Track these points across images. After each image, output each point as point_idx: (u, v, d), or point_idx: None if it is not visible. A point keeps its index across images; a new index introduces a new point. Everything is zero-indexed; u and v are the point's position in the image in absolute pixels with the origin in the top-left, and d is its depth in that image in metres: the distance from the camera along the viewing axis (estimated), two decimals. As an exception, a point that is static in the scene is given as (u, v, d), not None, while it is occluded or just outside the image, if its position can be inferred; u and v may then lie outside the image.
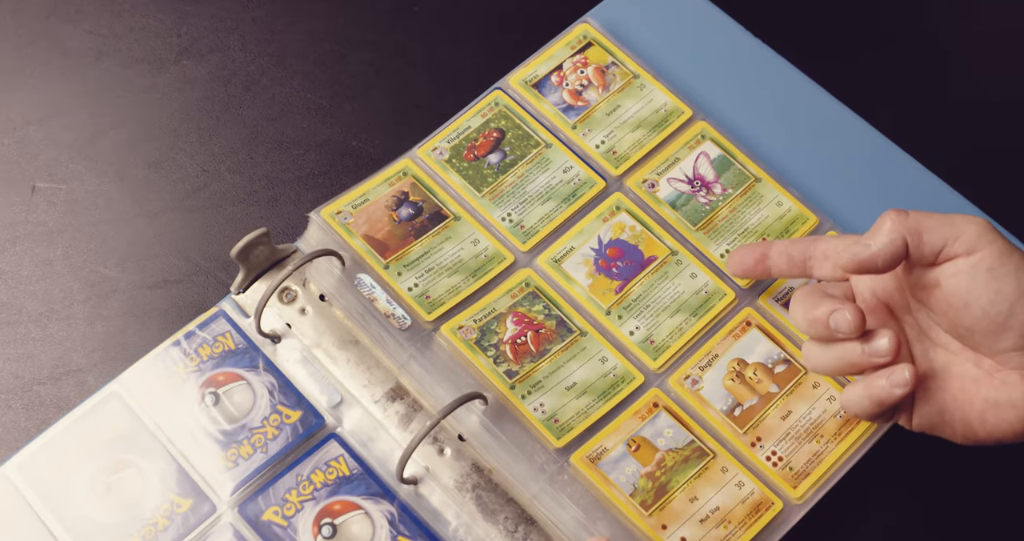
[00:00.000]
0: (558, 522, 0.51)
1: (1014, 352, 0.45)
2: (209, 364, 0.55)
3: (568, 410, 0.54)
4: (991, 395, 0.46)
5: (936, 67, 0.70)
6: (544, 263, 0.57)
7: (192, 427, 0.54)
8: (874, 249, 0.46)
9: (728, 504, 0.52)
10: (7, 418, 0.56)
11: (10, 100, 0.65)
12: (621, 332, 0.56)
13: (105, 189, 0.63)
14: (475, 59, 0.67)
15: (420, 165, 0.60)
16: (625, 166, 0.60)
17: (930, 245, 0.45)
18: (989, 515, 0.56)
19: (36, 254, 0.61)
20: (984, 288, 0.45)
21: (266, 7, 0.69)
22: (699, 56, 0.64)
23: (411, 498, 0.53)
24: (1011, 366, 0.46)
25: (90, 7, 0.68)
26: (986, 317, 0.45)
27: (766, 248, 0.52)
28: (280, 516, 0.52)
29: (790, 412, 0.54)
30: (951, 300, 0.46)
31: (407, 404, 0.55)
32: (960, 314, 0.46)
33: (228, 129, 0.65)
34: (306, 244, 0.58)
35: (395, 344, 0.55)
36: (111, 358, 0.58)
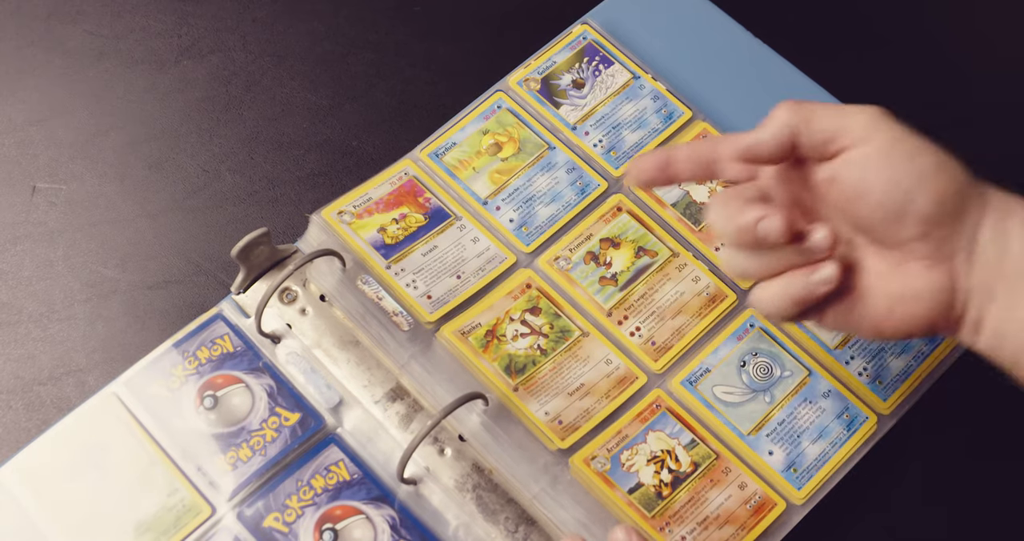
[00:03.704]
0: (559, 522, 0.51)
1: (916, 242, 0.44)
2: (207, 367, 0.55)
3: (572, 411, 0.54)
4: (896, 289, 0.45)
5: (936, 67, 0.69)
6: (545, 264, 0.57)
7: (191, 430, 0.53)
8: (764, 136, 0.45)
9: (730, 505, 0.52)
10: (7, 418, 0.56)
11: (10, 100, 0.65)
12: (622, 333, 0.56)
13: (105, 189, 0.63)
14: (475, 59, 0.67)
15: (420, 165, 0.60)
16: (626, 166, 0.60)
17: (819, 132, 0.44)
18: (989, 516, 0.56)
19: (36, 254, 0.61)
20: (877, 176, 0.43)
21: (267, 7, 0.69)
22: (699, 56, 0.64)
23: (411, 498, 0.53)
24: (914, 257, 0.44)
25: (90, 7, 0.68)
26: (882, 207, 0.44)
27: (668, 153, 0.48)
28: (281, 522, 0.52)
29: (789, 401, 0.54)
30: (847, 193, 0.44)
31: (407, 404, 0.55)
32: (857, 206, 0.44)
33: (228, 129, 0.65)
34: (306, 244, 0.58)
35: (395, 344, 0.55)
36: (111, 358, 0.58)
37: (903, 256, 0.45)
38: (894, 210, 0.44)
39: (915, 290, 0.45)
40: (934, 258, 0.44)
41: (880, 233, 0.45)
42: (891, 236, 0.45)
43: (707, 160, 0.48)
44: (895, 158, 0.43)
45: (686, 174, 0.49)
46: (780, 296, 0.46)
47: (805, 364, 0.55)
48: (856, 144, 0.44)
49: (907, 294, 0.45)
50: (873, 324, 0.46)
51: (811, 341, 0.56)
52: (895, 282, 0.45)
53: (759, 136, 0.45)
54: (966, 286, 0.44)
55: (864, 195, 0.44)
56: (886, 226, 0.44)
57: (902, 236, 0.44)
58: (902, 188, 0.43)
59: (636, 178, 0.49)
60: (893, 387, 0.55)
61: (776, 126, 0.45)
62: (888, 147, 0.44)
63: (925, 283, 0.44)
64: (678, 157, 0.48)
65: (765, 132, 0.45)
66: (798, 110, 0.45)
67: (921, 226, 0.43)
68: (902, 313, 0.45)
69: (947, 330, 0.46)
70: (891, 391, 0.55)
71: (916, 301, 0.45)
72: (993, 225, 0.44)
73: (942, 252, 0.44)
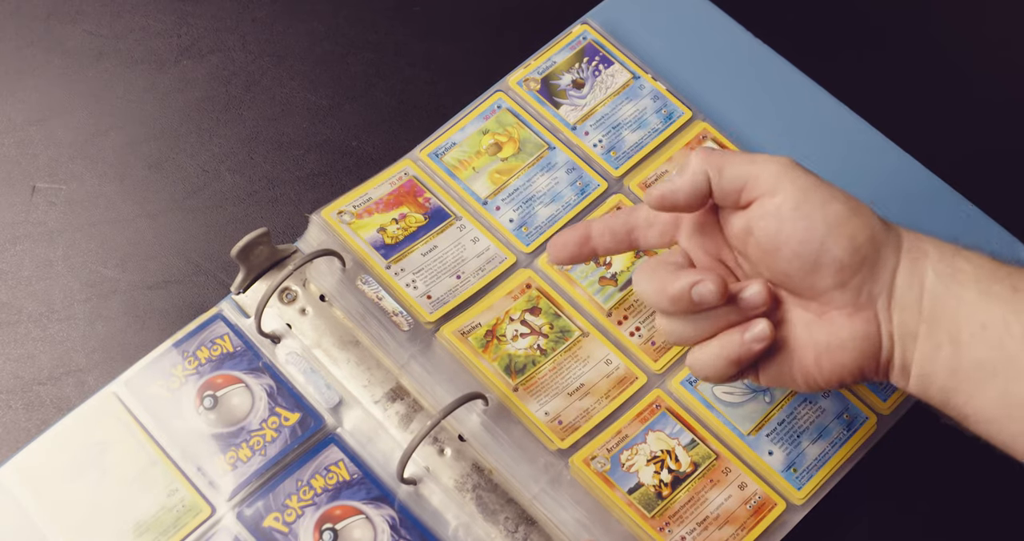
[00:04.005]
0: (559, 522, 0.51)
1: (835, 290, 0.44)
2: (207, 367, 0.55)
3: (572, 411, 0.54)
4: (821, 339, 0.45)
5: (936, 67, 0.69)
6: (545, 264, 0.57)
7: (191, 430, 0.54)
8: (677, 184, 0.45)
9: (730, 505, 0.52)
10: (7, 418, 0.56)
11: (10, 100, 0.65)
12: (622, 333, 0.56)
13: (105, 189, 0.63)
14: (475, 59, 0.67)
15: (420, 165, 0.60)
16: (625, 167, 0.60)
17: (730, 180, 0.44)
18: (990, 516, 0.56)
19: (36, 254, 0.61)
20: (792, 228, 0.43)
21: (266, 7, 0.69)
22: (699, 56, 0.64)
23: (411, 498, 0.53)
24: (835, 306, 0.45)
25: (90, 7, 0.68)
26: (798, 258, 0.44)
27: (586, 229, 0.50)
28: (281, 522, 0.52)
29: (792, 412, 0.54)
30: (763, 245, 0.44)
31: (407, 404, 0.55)
32: (774, 259, 0.44)
33: (228, 129, 0.65)
34: (306, 244, 0.58)
35: (395, 344, 0.55)
36: (111, 358, 0.58)
37: (824, 306, 0.45)
38: (810, 260, 0.44)
39: (840, 339, 0.45)
40: (855, 306, 0.44)
41: (799, 284, 0.45)
42: (810, 286, 0.45)
43: (624, 230, 0.49)
44: (806, 208, 0.43)
45: (604, 247, 0.50)
46: (716, 357, 0.46)
47: (805, 364, 0.55)
48: (767, 194, 0.44)
49: (832, 344, 0.45)
50: (804, 376, 0.46)
51: (811, 341, 0.56)
52: (820, 333, 0.45)
53: (675, 184, 0.45)
54: (889, 331, 0.44)
55: (780, 247, 0.44)
56: (803, 277, 0.44)
57: (820, 286, 0.44)
58: (816, 237, 0.43)
59: (556, 256, 0.51)
60: (893, 387, 0.55)
61: (690, 173, 0.45)
62: (799, 196, 0.44)
63: (848, 332, 0.44)
64: (594, 232, 0.49)
65: (680, 179, 0.45)
66: (710, 158, 0.45)
67: (838, 275, 0.44)
68: (830, 363, 0.45)
69: (876, 376, 0.46)
70: (891, 391, 0.55)
71: (842, 350, 0.45)
72: (909, 268, 0.44)
73: (862, 299, 0.44)
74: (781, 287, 0.46)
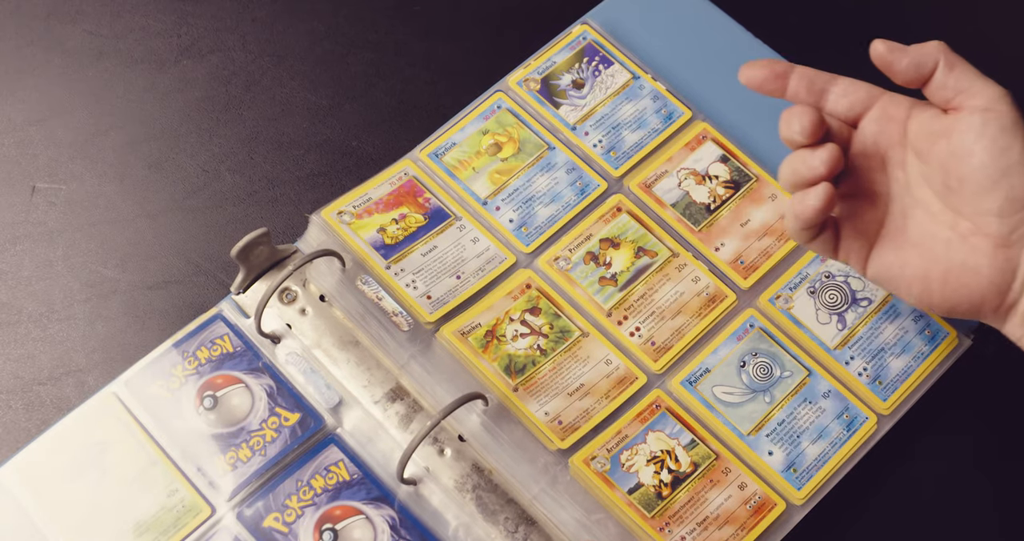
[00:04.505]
0: (558, 522, 0.51)
1: (994, 217, 0.46)
2: (207, 367, 0.55)
3: (571, 411, 0.54)
4: (958, 258, 0.46)
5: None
6: (545, 264, 0.57)
7: (191, 430, 0.54)
8: (910, 50, 0.47)
9: (730, 505, 0.52)
10: (7, 418, 0.56)
11: (10, 100, 0.65)
12: (622, 333, 0.56)
13: (105, 189, 0.63)
14: (475, 59, 0.67)
15: (420, 165, 0.60)
16: (625, 167, 0.60)
17: (957, 78, 0.46)
18: (990, 516, 0.56)
19: (36, 254, 0.61)
20: (991, 142, 0.45)
21: (266, 7, 0.69)
22: (699, 56, 0.64)
23: (411, 498, 0.53)
24: (986, 231, 0.46)
25: (90, 7, 0.68)
26: (983, 169, 0.45)
27: (789, 67, 0.51)
28: (281, 522, 0.52)
29: (793, 412, 0.54)
30: (955, 149, 0.46)
31: (407, 405, 0.55)
32: (960, 162, 0.46)
33: (228, 129, 0.65)
34: (306, 244, 0.58)
35: (395, 345, 0.55)
36: (111, 358, 0.58)
37: (975, 228, 0.46)
38: (990, 179, 0.45)
39: (977, 264, 0.46)
40: (1005, 240, 0.46)
41: (965, 197, 0.46)
42: (975, 203, 0.46)
43: (820, 86, 0.50)
44: (1012, 133, 0.45)
45: (795, 91, 0.50)
46: (788, 213, 0.48)
47: (805, 364, 0.55)
48: (981, 107, 0.46)
49: (968, 265, 0.46)
50: (924, 287, 0.48)
51: (811, 341, 0.56)
52: (959, 252, 0.46)
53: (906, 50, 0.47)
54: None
55: (973, 154, 0.45)
56: (975, 191, 0.46)
57: (984, 206, 0.46)
58: (1006, 161, 0.45)
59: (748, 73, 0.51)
60: (893, 387, 0.55)
61: (924, 51, 0.47)
62: (1010, 122, 0.45)
63: (989, 260, 0.46)
64: (796, 72, 0.50)
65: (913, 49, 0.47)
66: (948, 52, 0.47)
67: (1007, 203, 0.45)
68: (956, 283, 0.47)
69: (993, 315, 0.47)
70: (891, 391, 0.55)
71: (975, 274, 0.46)
72: None
73: (1014, 237, 0.45)
74: (940, 199, 0.48)
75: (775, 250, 0.58)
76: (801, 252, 0.58)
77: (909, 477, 0.56)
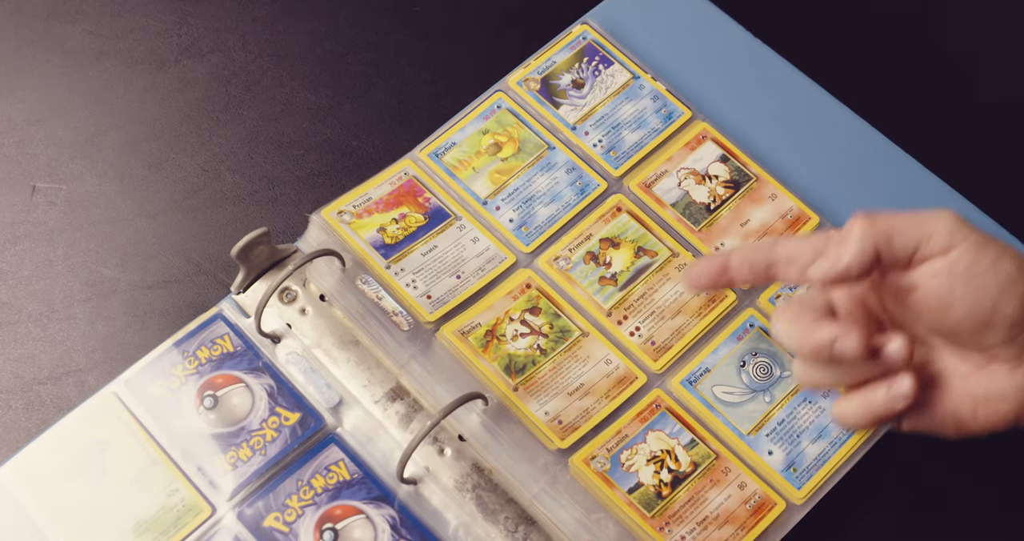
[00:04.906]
0: (558, 522, 0.51)
1: (1000, 346, 0.44)
2: (207, 367, 0.55)
3: (571, 411, 0.54)
4: (980, 390, 0.45)
5: (937, 67, 0.70)
6: (545, 264, 0.57)
7: (191, 430, 0.54)
8: (846, 260, 0.43)
9: (730, 505, 0.52)
10: (7, 418, 0.56)
11: (10, 100, 0.65)
12: (622, 333, 0.56)
13: (105, 189, 0.63)
14: (475, 59, 0.67)
15: (420, 165, 0.60)
16: (625, 167, 0.60)
17: (902, 248, 0.43)
18: (990, 515, 0.56)
19: (36, 254, 0.61)
20: (965, 287, 0.43)
21: (266, 7, 0.69)
22: (699, 56, 0.64)
23: (411, 498, 0.53)
24: (998, 359, 0.45)
25: (90, 7, 0.68)
26: (970, 317, 0.43)
27: (725, 259, 0.48)
28: (281, 522, 0.52)
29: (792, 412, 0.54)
30: (932, 303, 0.44)
31: (407, 404, 0.55)
32: (942, 316, 0.44)
33: (228, 129, 0.65)
34: (306, 244, 0.58)
35: (395, 344, 0.55)
36: (111, 358, 0.58)
37: (986, 358, 0.45)
38: (982, 319, 0.43)
39: (1000, 391, 0.45)
40: (1019, 359, 0.44)
41: (964, 339, 0.45)
42: (975, 342, 0.44)
43: (764, 264, 0.47)
44: (981, 267, 0.43)
45: (742, 278, 0.48)
46: (860, 413, 0.46)
47: (805, 364, 0.55)
48: (940, 253, 0.43)
49: (992, 395, 0.45)
50: (957, 425, 0.46)
51: (811, 341, 0.56)
52: (979, 384, 0.45)
53: (845, 262, 0.43)
54: None
55: (952, 306, 0.43)
56: (970, 334, 0.44)
57: (987, 341, 0.44)
58: (989, 297, 0.43)
59: (693, 284, 0.49)
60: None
61: (858, 246, 0.43)
62: (972, 256, 0.43)
63: (1010, 384, 0.44)
64: (733, 262, 0.48)
65: (848, 255, 0.43)
66: (875, 225, 0.43)
67: (1009, 332, 0.43)
68: (987, 413, 0.45)
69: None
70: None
71: (1001, 401, 0.45)
72: None
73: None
74: (939, 338, 0.46)
75: (775, 250, 0.58)
76: (801, 252, 0.58)
77: (910, 476, 0.56)
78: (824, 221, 0.59)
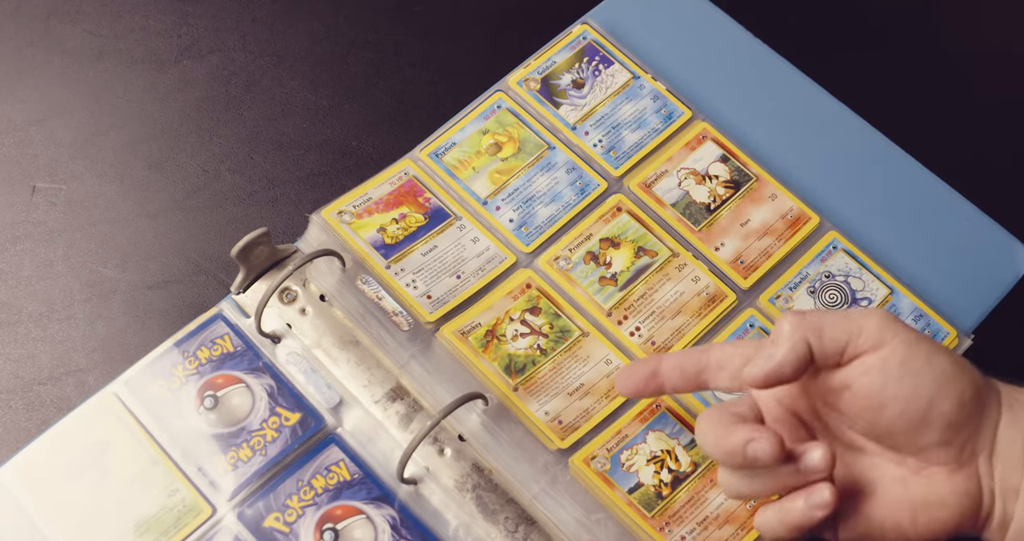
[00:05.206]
0: (558, 522, 0.51)
1: (937, 448, 0.42)
2: (208, 367, 0.55)
3: (571, 411, 0.54)
4: (919, 495, 0.43)
5: (936, 67, 0.70)
6: (545, 264, 0.57)
7: (191, 430, 0.54)
8: (779, 358, 0.42)
9: (730, 505, 0.52)
10: (7, 418, 0.56)
11: (10, 100, 0.65)
12: (622, 333, 0.56)
13: (105, 189, 0.63)
14: (475, 59, 0.67)
15: (420, 165, 0.60)
16: (625, 167, 0.60)
17: (832, 342, 0.42)
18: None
19: (36, 254, 0.61)
20: (899, 384, 0.42)
21: (266, 7, 0.69)
22: (699, 56, 0.64)
23: (411, 498, 0.53)
24: (935, 462, 0.43)
25: (90, 7, 0.68)
26: (905, 415, 0.42)
27: (655, 364, 0.47)
28: (281, 522, 0.52)
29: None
30: (865, 402, 0.43)
31: (407, 404, 0.55)
32: (877, 415, 0.43)
33: (228, 129, 0.65)
34: (306, 244, 0.58)
35: (395, 344, 0.55)
36: (111, 358, 0.58)
37: (923, 462, 0.43)
38: (917, 418, 0.42)
39: (939, 496, 0.43)
40: (956, 462, 0.43)
41: (899, 440, 0.43)
42: (911, 443, 0.43)
43: (695, 370, 0.46)
44: (913, 364, 0.42)
45: (672, 384, 0.47)
46: (778, 522, 0.44)
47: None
48: (871, 350, 0.42)
49: (931, 501, 0.43)
50: (896, 534, 0.44)
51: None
52: (917, 489, 0.43)
53: (777, 360, 0.42)
54: (990, 487, 0.43)
55: (885, 403, 0.42)
56: (906, 434, 0.43)
57: (923, 442, 0.43)
58: (924, 395, 0.42)
59: (622, 388, 0.48)
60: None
61: (789, 343, 0.42)
62: (905, 351, 0.42)
63: (950, 489, 0.43)
64: (663, 367, 0.47)
65: (781, 353, 0.43)
66: (804, 322, 0.43)
67: (945, 432, 0.42)
68: (927, 519, 0.43)
69: (973, 530, 0.44)
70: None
71: (941, 507, 0.43)
72: (1009, 422, 0.43)
73: (964, 455, 0.43)
74: (874, 442, 0.44)
75: (775, 250, 0.58)
76: (801, 252, 0.58)
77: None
78: (824, 221, 0.59)
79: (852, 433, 0.45)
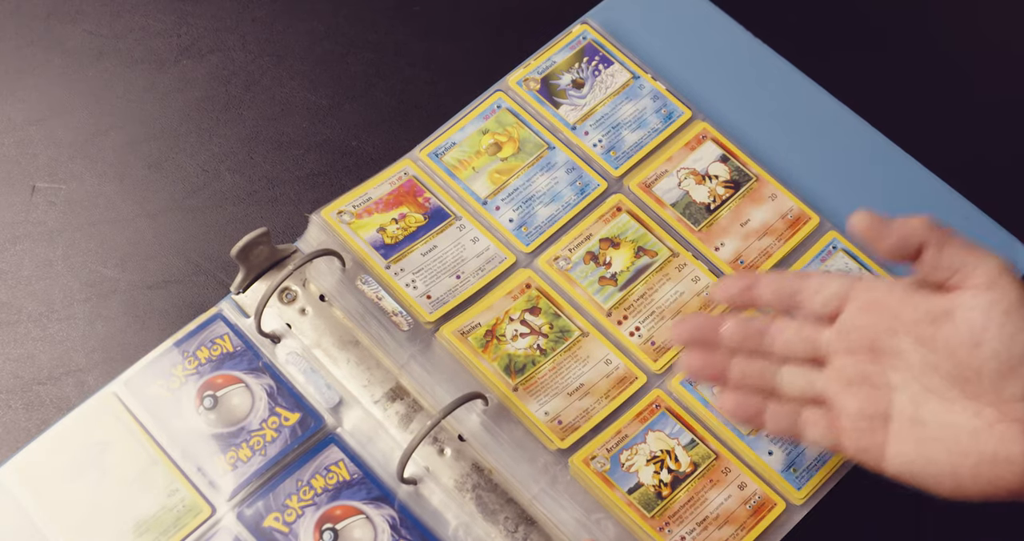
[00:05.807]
0: (558, 522, 0.51)
1: (1019, 402, 0.42)
2: (207, 367, 0.55)
3: (571, 411, 0.54)
4: (987, 449, 0.43)
5: (936, 67, 0.70)
6: (545, 264, 0.57)
7: (191, 430, 0.54)
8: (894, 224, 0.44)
9: (730, 505, 0.52)
10: (7, 418, 0.56)
11: (10, 100, 0.65)
12: (622, 333, 0.56)
13: (105, 189, 0.63)
14: (475, 59, 0.67)
15: (420, 165, 0.60)
16: (625, 167, 0.60)
17: (948, 258, 0.43)
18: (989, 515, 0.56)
19: (36, 254, 0.61)
20: (1000, 329, 0.42)
21: (266, 7, 0.69)
22: (699, 56, 0.64)
23: (411, 498, 0.53)
24: (1012, 417, 0.42)
25: (90, 7, 0.68)
26: (997, 358, 0.42)
27: (754, 276, 0.49)
28: (281, 522, 0.52)
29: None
30: (963, 337, 0.43)
31: (407, 404, 0.55)
32: (969, 354, 0.43)
33: (228, 129, 0.65)
34: (306, 244, 0.58)
35: (395, 344, 0.55)
36: (111, 358, 0.58)
37: (1001, 415, 0.43)
38: (1007, 364, 0.42)
39: (1009, 453, 0.42)
40: None
41: (984, 386, 0.43)
42: (995, 390, 0.43)
43: (791, 288, 0.48)
44: (1017, 316, 0.42)
45: (766, 298, 0.48)
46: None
47: (805, 364, 0.55)
48: (984, 288, 0.43)
49: (1000, 458, 0.43)
50: (954, 483, 0.44)
51: (811, 341, 0.56)
52: (988, 441, 0.43)
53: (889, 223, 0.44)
54: None
55: (980, 343, 0.42)
56: (993, 379, 0.43)
57: (1007, 392, 0.42)
58: (1019, 346, 0.42)
59: (718, 294, 0.50)
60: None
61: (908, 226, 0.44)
62: (1010, 302, 0.42)
63: (1021, 448, 0.42)
64: (761, 280, 0.48)
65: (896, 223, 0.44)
66: (935, 230, 0.44)
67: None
68: (991, 476, 0.43)
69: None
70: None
71: (1008, 466, 0.42)
72: None
73: None
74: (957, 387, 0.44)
75: (775, 250, 0.58)
76: (801, 252, 0.58)
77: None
78: (824, 221, 0.59)
79: (933, 375, 0.45)
